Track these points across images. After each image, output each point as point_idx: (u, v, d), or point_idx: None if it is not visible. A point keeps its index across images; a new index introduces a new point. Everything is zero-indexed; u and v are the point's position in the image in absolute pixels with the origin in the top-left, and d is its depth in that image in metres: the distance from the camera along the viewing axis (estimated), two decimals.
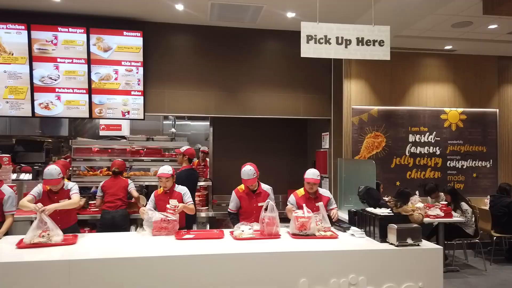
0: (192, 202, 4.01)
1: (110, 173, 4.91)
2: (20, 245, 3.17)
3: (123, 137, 7.43)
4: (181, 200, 3.88)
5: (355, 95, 6.42)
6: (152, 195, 3.98)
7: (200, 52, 5.56)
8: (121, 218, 4.66)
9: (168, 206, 3.67)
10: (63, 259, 2.90)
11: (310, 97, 5.81)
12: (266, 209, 3.54)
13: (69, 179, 4.64)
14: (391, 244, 3.18)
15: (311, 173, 3.90)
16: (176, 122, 9.71)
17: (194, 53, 5.55)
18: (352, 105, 6.40)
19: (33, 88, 4.86)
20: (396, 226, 3.14)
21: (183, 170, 5.00)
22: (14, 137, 8.14)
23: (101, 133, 7.97)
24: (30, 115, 4.92)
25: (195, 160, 6.04)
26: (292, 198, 3.99)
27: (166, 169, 3.92)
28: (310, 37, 3.60)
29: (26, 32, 4.78)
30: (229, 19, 5.23)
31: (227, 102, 5.63)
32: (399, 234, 3.13)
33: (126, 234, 4.08)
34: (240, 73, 5.65)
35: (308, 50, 3.61)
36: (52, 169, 3.64)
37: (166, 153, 5.85)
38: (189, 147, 5.29)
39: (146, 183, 5.81)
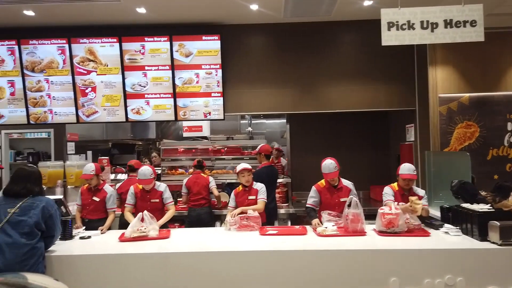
0: (265, 200, 4.05)
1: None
2: (122, 238, 3.49)
3: (205, 138, 7.79)
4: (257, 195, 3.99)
5: (442, 83, 5.93)
6: (232, 194, 4.11)
7: (275, 50, 5.60)
8: (206, 216, 4.87)
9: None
10: (160, 251, 3.13)
11: (391, 88, 5.53)
12: (349, 205, 3.45)
13: (158, 179, 4.98)
14: (493, 243, 2.90)
15: (407, 168, 3.66)
16: (252, 121, 9.90)
17: (269, 52, 5.61)
18: (439, 93, 5.92)
19: (126, 95, 5.32)
20: (499, 223, 2.85)
21: (262, 167, 5.07)
22: (110, 141, 9.00)
23: (185, 134, 8.45)
24: (124, 120, 5.40)
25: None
26: (390, 191, 3.75)
27: (245, 164, 4.07)
28: (391, 24, 3.42)
29: (118, 44, 5.24)
30: (302, 14, 5.19)
31: (303, 98, 5.60)
32: (502, 232, 2.84)
33: (213, 229, 4.27)
34: (315, 68, 5.57)
35: (389, 38, 3.43)
36: (145, 170, 3.95)
37: (245, 151, 6.00)
38: (263, 144, 5.35)
39: (228, 181, 6.02)
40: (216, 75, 5.37)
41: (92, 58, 5.26)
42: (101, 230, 3.83)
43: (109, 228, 4.00)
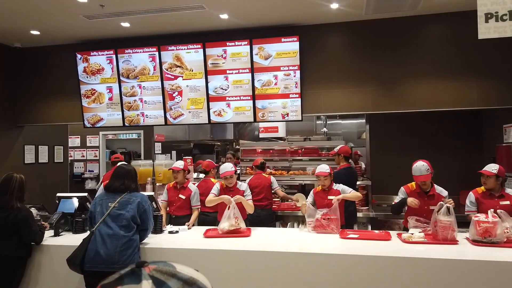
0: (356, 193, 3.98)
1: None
2: (207, 234, 3.68)
3: (280, 138, 7.87)
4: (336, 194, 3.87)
5: None
6: (312, 192, 4.07)
7: (354, 49, 5.46)
8: (266, 217, 4.87)
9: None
10: (241, 249, 3.24)
11: (486, 84, 5.05)
12: (438, 211, 3.24)
13: (238, 178, 5.15)
14: None
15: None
16: (327, 122, 9.75)
17: (348, 51, 5.48)
18: None
19: (209, 98, 5.58)
20: None
21: (341, 169, 4.97)
22: (192, 142, 9.53)
23: (261, 135, 8.61)
24: (207, 122, 5.67)
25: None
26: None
27: (324, 167, 3.98)
28: (489, 15, 3.12)
29: (201, 50, 5.53)
30: (386, 10, 4.98)
31: (385, 98, 5.36)
32: None
33: (293, 230, 4.30)
34: (398, 65, 5.31)
35: (487, 31, 3.14)
36: (228, 165, 4.19)
37: (323, 152, 5.93)
38: (342, 145, 5.24)
39: (305, 182, 6.01)
40: (294, 76, 5.39)
41: (179, 64, 5.61)
42: (188, 226, 4.07)
43: (193, 225, 4.24)
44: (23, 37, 5.79)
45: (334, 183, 4.03)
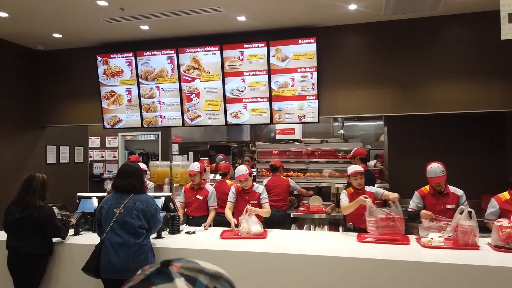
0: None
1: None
2: (223, 235, 3.70)
3: (296, 140, 7.84)
4: (374, 198, 3.72)
5: None
6: (345, 192, 3.88)
7: (372, 50, 5.40)
8: (280, 218, 4.81)
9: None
10: (256, 251, 3.24)
11: (509, 86, 4.91)
12: (459, 215, 3.17)
13: (254, 180, 5.15)
14: None
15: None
16: (344, 124, 9.67)
17: (366, 52, 5.42)
18: None
19: (226, 100, 5.61)
20: None
21: None
22: (208, 143, 9.60)
23: (277, 137, 8.61)
24: (224, 123, 5.70)
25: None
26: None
27: (358, 166, 3.90)
28: None
29: (219, 52, 5.56)
30: (405, 10, 4.91)
31: (403, 100, 5.28)
32: None
33: (311, 232, 4.27)
34: (417, 67, 5.22)
35: (510, 31, 3.07)
36: (242, 167, 4.18)
37: (340, 154, 5.89)
38: (357, 148, 5.17)
39: (321, 184, 5.97)
40: (312, 78, 5.37)
41: (196, 66, 5.66)
42: (204, 227, 4.10)
43: (210, 225, 4.26)
44: (46, 40, 5.94)
45: (365, 185, 3.87)
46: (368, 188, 3.87)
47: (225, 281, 0.72)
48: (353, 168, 3.87)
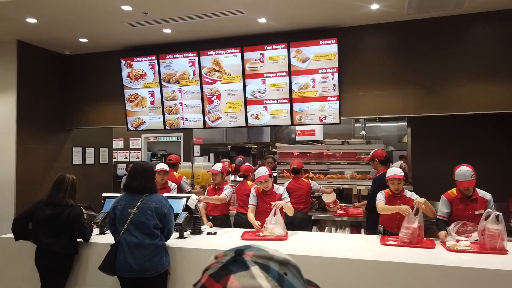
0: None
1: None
2: (244, 236, 3.72)
3: (317, 141, 7.79)
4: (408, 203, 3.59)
5: None
6: (383, 194, 3.77)
7: (395, 50, 5.31)
8: (300, 221, 4.74)
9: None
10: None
11: None
12: (486, 219, 3.09)
13: (274, 181, 5.15)
14: None
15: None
16: (366, 124, 9.54)
17: (388, 52, 5.34)
18: None
19: (246, 102, 5.64)
20: None
21: (379, 174, 4.82)
22: (229, 145, 9.67)
23: (298, 138, 8.59)
24: (244, 125, 5.73)
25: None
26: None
27: (397, 170, 3.74)
28: None
29: (239, 54, 5.60)
30: (429, 9, 4.82)
31: (427, 100, 5.18)
32: None
33: (332, 234, 4.23)
34: (441, 67, 5.10)
35: None
36: (262, 169, 4.19)
37: (361, 156, 5.82)
38: (375, 149, 5.07)
39: (342, 186, 5.92)
40: (333, 78, 5.33)
41: (218, 68, 5.72)
42: (199, 197, 4.19)
43: (225, 223, 4.35)
44: (72, 45, 6.13)
45: (404, 189, 3.74)
46: (408, 194, 3.70)
47: (292, 267, 0.75)
48: (392, 172, 3.70)
